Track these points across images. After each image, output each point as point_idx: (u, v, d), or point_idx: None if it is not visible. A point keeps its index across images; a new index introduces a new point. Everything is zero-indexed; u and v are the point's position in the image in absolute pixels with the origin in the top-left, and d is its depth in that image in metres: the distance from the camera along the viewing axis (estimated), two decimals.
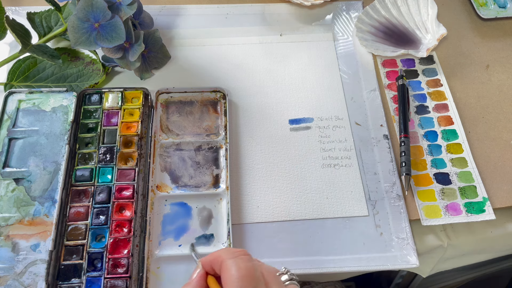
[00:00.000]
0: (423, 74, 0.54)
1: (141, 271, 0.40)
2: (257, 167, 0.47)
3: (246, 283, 0.30)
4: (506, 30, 0.59)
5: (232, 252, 0.31)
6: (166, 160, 0.46)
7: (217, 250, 0.32)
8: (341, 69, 0.54)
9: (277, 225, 0.44)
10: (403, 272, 0.60)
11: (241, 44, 0.56)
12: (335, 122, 0.50)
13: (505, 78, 0.54)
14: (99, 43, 0.45)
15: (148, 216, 0.42)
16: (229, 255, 0.31)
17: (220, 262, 0.31)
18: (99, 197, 0.42)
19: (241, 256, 0.31)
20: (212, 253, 0.32)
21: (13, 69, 0.49)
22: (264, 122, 0.50)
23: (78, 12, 0.44)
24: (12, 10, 0.56)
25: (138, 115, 0.47)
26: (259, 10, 0.59)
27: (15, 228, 0.41)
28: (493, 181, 0.47)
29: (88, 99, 0.48)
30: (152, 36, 0.51)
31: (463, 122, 0.50)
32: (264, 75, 0.53)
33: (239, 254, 0.31)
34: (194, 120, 0.48)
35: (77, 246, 0.40)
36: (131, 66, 0.49)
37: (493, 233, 0.46)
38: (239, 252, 0.31)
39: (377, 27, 0.57)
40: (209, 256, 0.32)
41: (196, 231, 0.42)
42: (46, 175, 0.43)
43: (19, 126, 0.45)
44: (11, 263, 0.39)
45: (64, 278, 0.39)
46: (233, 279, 0.30)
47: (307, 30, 0.57)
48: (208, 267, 0.33)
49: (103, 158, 0.44)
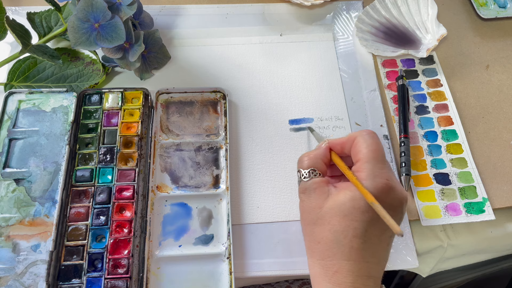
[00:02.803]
0: (423, 74, 0.54)
1: (141, 272, 0.40)
2: (257, 167, 0.47)
3: (377, 154, 0.35)
4: (506, 30, 0.59)
5: (362, 131, 0.37)
6: (166, 160, 0.46)
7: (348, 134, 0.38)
8: (341, 69, 0.54)
9: (277, 225, 0.44)
10: (403, 272, 0.60)
11: (241, 44, 0.55)
12: (335, 122, 0.50)
13: (505, 78, 0.54)
14: (99, 43, 0.45)
15: (148, 216, 0.42)
16: (360, 133, 0.36)
17: (353, 139, 0.36)
18: (99, 198, 0.42)
19: (370, 134, 0.36)
20: (342, 137, 0.38)
21: (13, 69, 0.49)
22: (264, 122, 0.50)
23: (78, 12, 0.44)
24: (12, 10, 0.56)
25: (138, 115, 0.47)
26: (259, 10, 0.59)
27: (16, 229, 0.41)
28: (493, 181, 0.47)
29: (88, 100, 0.48)
30: (152, 36, 0.51)
31: (463, 122, 0.50)
32: (264, 75, 0.53)
33: (368, 133, 0.36)
34: (194, 120, 0.48)
35: (77, 247, 0.40)
36: (131, 66, 0.49)
37: (493, 233, 0.46)
38: (368, 131, 0.37)
39: (377, 27, 0.57)
40: (340, 138, 0.38)
41: (196, 231, 0.42)
42: (47, 176, 0.43)
43: (19, 126, 0.45)
44: (12, 264, 0.39)
45: (65, 278, 0.39)
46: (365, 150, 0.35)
47: (307, 30, 0.57)
48: (337, 146, 0.38)
49: (103, 159, 0.44)
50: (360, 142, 0.36)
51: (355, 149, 0.36)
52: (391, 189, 0.34)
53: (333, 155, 0.38)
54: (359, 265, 0.33)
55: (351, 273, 0.33)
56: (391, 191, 0.34)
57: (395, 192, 0.34)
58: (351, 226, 0.33)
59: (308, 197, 0.36)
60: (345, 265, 0.33)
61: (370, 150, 0.35)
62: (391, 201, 0.34)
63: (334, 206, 0.34)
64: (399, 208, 0.35)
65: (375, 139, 0.36)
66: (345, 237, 0.33)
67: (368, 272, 0.33)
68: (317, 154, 0.38)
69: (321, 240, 0.34)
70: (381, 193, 0.33)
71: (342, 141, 0.37)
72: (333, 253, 0.33)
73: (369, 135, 0.36)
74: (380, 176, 0.34)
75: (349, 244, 0.33)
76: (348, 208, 0.33)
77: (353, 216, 0.33)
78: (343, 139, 0.37)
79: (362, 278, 0.33)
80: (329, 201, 0.35)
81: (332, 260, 0.33)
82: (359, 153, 0.36)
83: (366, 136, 0.36)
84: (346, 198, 0.34)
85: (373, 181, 0.34)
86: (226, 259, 0.41)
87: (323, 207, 0.35)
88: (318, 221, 0.35)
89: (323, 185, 0.36)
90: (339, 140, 0.38)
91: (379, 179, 0.34)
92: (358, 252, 0.33)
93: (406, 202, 0.36)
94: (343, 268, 0.33)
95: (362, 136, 0.36)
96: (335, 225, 0.34)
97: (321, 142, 0.39)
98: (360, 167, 0.35)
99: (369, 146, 0.35)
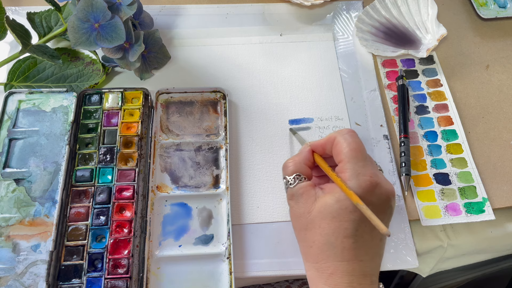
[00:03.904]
0: (423, 74, 0.54)
1: (141, 272, 0.40)
2: (257, 167, 0.47)
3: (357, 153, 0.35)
4: (506, 30, 0.59)
5: (341, 131, 0.37)
6: (166, 160, 0.46)
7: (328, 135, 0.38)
8: (341, 69, 0.54)
9: (277, 225, 0.44)
10: (403, 272, 0.60)
11: (241, 44, 0.55)
12: (335, 122, 0.50)
13: (505, 78, 0.54)
14: (99, 43, 0.45)
15: (148, 216, 0.42)
16: (340, 133, 0.37)
17: (333, 140, 0.37)
18: (99, 198, 0.42)
19: (350, 133, 0.36)
20: (322, 138, 0.38)
21: (13, 69, 0.49)
22: (264, 122, 0.50)
23: (78, 12, 0.44)
24: (12, 10, 0.56)
25: (138, 115, 0.47)
26: (259, 10, 0.59)
27: (16, 229, 0.41)
28: (492, 181, 0.47)
29: (88, 100, 0.48)
30: (152, 36, 0.51)
31: (463, 122, 0.50)
32: (264, 75, 0.53)
33: (347, 132, 0.37)
34: (194, 120, 0.48)
35: (77, 247, 0.40)
36: (131, 66, 0.49)
37: (493, 233, 0.46)
38: (347, 130, 0.37)
39: (377, 27, 0.57)
40: (320, 140, 0.38)
41: (196, 231, 0.42)
42: (47, 176, 0.43)
43: (19, 126, 0.45)
44: (12, 264, 0.39)
45: (65, 278, 0.39)
46: (346, 150, 0.35)
47: (307, 30, 0.57)
48: (319, 148, 0.38)
49: (103, 159, 0.44)
50: (340, 142, 0.36)
51: (336, 150, 0.36)
52: (377, 185, 0.34)
53: (316, 157, 0.39)
54: (353, 265, 0.33)
55: (346, 274, 0.33)
56: (377, 188, 0.34)
57: (380, 187, 0.35)
58: (341, 227, 0.33)
59: (296, 203, 0.37)
60: (339, 266, 0.33)
61: (351, 149, 0.35)
62: (378, 197, 0.34)
63: (322, 210, 0.34)
64: (387, 203, 0.35)
65: (354, 138, 0.36)
66: (336, 239, 0.33)
67: (363, 270, 0.33)
68: (301, 159, 0.38)
69: (313, 244, 0.35)
70: (366, 191, 0.34)
71: (323, 142, 0.38)
72: (327, 256, 0.34)
73: (348, 134, 0.36)
74: (363, 173, 0.34)
75: (341, 245, 0.33)
76: (336, 210, 0.34)
77: (342, 217, 0.34)
78: (323, 140, 0.38)
79: (358, 277, 0.33)
80: (316, 204, 0.35)
81: (326, 262, 0.34)
82: (340, 153, 0.36)
83: (346, 136, 0.36)
84: (333, 200, 0.34)
85: (357, 180, 0.34)
86: (226, 259, 0.41)
87: (311, 212, 0.35)
88: (308, 225, 0.35)
89: (309, 189, 0.36)
90: (320, 142, 0.38)
91: (362, 177, 0.34)
92: (350, 251, 0.33)
93: (393, 196, 0.36)
94: (338, 269, 0.33)
95: (342, 136, 0.36)
96: (325, 228, 0.34)
97: (303, 145, 0.40)
98: (343, 168, 0.35)
99: (349, 145, 0.35)
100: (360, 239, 0.34)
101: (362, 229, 0.34)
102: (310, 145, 0.39)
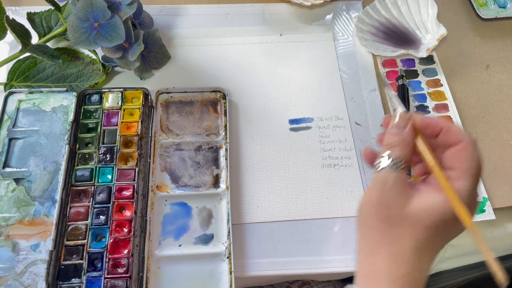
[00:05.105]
0: (423, 74, 0.54)
1: (141, 271, 0.40)
2: (257, 167, 0.47)
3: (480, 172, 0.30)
4: (506, 30, 0.59)
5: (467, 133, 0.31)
6: (166, 160, 0.46)
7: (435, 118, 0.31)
8: (341, 69, 0.54)
9: (277, 225, 0.44)
10: None
11: (241, 44, 0.55)
12: (335, 122, 0.50)
13: (505, 78, 0.54)
14: (98, 42, 0.45)
15: (148, 216, 0.42)
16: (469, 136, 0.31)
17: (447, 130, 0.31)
18: (99, 197, 0.42)
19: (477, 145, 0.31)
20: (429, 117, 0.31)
21: (13, 69, 0.49)
22: (264, 122, 0.50)
23: (78, 12, 0.44)
24: (12, 10, 0.56)
25: (138, 115, 0.47)
26: (259, 10, 0.59)
27: (15, 228, 0.41)
28: (493, 181, 0.47)
29: (88, 99, 0.47)
30: (152, 36, 0.51)
31: (463, 122, 0.50)
32: (264, 75, 0.53)
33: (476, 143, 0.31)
34: (194, 120, 0.48)
35: (77, 246, 0.40)
36: (130, 66, 0.49)
37: (493, 233, 0.46)
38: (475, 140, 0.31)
39: (377, 27, 0.57)
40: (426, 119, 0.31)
41: (196, 231, 0.42)
42: (46, 175, 0.43)
43: (19, 126, 0.45)
44: (11, 263, 0.39)
45: (64, 278, 0.39)
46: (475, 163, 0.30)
47: (307, 30, 0.57)
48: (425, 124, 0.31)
49: (103, 158, 0.44)
50: (471, 149, 0.31)
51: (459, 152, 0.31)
52: None
53: (420, 143, 0.31)
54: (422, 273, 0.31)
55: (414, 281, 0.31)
56: None
57: None
58: (435, 240, 0.31)
59: (389, 190, 0.31)
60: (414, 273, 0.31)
61: (478, 166, 0.30)
62: None
63: (420, 213, 0.31)
64: None
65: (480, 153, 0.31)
66: (425, 248, 0.31)
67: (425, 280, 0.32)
68: (409, 141, 0.31)
69: (399, 242, 0.31)
70: None
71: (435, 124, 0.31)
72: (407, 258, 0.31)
73: (476, 146, 0.31)
74: (475, 197, 0.31)
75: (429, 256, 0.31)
76: (435, 221, 0.30)
77: (440, 231, 0.31)
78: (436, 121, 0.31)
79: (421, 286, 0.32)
80: (413, 202, 0.31)
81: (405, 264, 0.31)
82: (466, 161, 0.30)
83: (476, 145, 0.31)
84: (436, 209, 0.30)
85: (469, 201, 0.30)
86: (226, 259, 0.41)
87: (405, 207, 0.31)
88: (399, 221, 0.31)
89: (404, 179, 0.31)
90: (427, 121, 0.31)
91: (474, 201, 0.31)
92: (430, 263, 0.31)
93: None
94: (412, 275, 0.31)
95: (472, 144, 0.31)
96: (419, 232, 0.31)
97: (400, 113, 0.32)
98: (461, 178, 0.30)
99: (479, 160, 0.30)
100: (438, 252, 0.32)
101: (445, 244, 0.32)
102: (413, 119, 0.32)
